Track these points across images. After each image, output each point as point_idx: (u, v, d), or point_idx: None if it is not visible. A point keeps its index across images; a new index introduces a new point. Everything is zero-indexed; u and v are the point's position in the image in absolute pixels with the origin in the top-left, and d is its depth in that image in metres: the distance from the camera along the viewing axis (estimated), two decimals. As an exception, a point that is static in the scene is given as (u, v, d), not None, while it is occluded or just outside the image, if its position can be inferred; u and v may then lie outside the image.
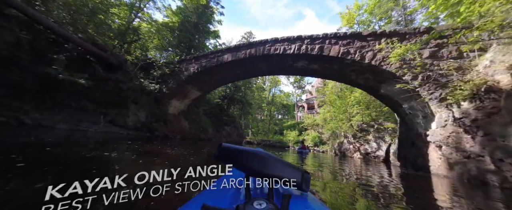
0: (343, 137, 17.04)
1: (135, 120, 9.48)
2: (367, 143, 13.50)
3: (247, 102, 19.34)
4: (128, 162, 3.74)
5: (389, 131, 12.64)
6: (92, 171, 2.66)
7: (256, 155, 0.63)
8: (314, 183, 3.55)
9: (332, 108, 20.21)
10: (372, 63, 5.80)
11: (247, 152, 0.63)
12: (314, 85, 44.88)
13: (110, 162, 3.33)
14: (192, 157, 4.50)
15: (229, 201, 0.62)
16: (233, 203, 0.59)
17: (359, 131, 14.34)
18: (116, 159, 3.66)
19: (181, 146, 8.12)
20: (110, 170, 2.93)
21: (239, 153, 0.62)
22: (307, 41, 6.98)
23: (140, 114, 9.64)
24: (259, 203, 0.48)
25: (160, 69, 10.11)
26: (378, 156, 12.61)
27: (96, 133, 7.53)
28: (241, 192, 0.66)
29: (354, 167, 7.18)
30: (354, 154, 15.31)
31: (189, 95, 11.14)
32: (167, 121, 10.87)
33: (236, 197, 0.64)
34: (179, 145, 8.17)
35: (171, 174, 0.60)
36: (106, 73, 8.86)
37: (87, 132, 7.44)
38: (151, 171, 0.59)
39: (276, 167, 0.62)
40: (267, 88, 41.68)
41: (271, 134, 33.16)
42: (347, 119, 15.07)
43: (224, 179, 0.73)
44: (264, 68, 9.34)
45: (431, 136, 5.22)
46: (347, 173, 5.60)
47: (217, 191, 0.67)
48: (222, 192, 0.67)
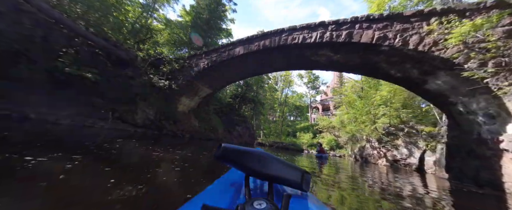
0: (365, 141, 15.42)
1: (144, 117, 9.09)
2: (396, 149, 11.88)
3: (259, 102, 18.43)
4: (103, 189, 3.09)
5: (423, 135, 10.95)
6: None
7: (256, 155, 0.60)
8: (332, 195, 2.83)
9: (351, 109, 18.60)
10: (419, 49, 4.62)
11: (247, 152, 0.59)
12: (330, 85, 42.80)
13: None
14: (192, 167, 3.68)
15: (229, 201, 0.61)
16: (233, 203, 0.59)
17: (386, 135, 12.73)
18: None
19: (190, 145, 7.49)
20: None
21: (239, 153, 0.58)
22: (331, 27, 5.94)
23: (149, 111, 9.25)
24: (259, 203, 0.46)
25: (169, 65, 9.67)
26: (409, 164, 10.98)
27: (102, 129, 7.16)
28: (241, 192, 0.67)
29: (382, 176, 5.95)
30: (378, 160, 13.70)
31: (199, 93, 10.58)
32: (176, 119, 10.43)
33: (236, 197, 0.64)
34: (187, 145, 7.54)
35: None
36: (116, 69, 8.61)
37: (93, 128, 7.09)
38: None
39: (276, 167, 0.60)
40: (279, 88, 40.51)
41: (283, 135, 31.91)
42: (371, 121, 13.51)
43: (224, 179, 0.83)
44: (279, 62, 8.42)
45: (506, 143, 3.91)
46: (373, 182, 4.55)
47: (217, 191, 0.71)
48: (222, 192, 0.70)
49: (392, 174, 7.22)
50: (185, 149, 5.75)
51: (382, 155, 13.08)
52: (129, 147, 4.90)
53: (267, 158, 0.60)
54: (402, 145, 11.63)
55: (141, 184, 2.09)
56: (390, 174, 6.95)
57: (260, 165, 0.58)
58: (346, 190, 3.36)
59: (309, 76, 42.31)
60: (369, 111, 13.38)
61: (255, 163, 0.58)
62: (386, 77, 6.94)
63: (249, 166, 0.58)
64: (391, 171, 8.73)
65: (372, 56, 5.98)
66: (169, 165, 3.42)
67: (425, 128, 11.24)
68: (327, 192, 3.00)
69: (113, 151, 3.95)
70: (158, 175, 2.71)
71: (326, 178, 4.25)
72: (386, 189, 3.82)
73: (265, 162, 0.59)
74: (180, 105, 10.51)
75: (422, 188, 4.40)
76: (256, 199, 0.48)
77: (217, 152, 0.55)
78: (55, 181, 1.86)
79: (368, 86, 16.76)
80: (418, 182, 5.33)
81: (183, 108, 10.83)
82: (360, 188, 3.75)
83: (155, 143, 6.25)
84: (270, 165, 0.59)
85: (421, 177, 7.11)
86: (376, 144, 14.01)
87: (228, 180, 0.81)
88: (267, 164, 0.59)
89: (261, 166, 0.58)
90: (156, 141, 7.09)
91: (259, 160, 0.59)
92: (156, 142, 6.59)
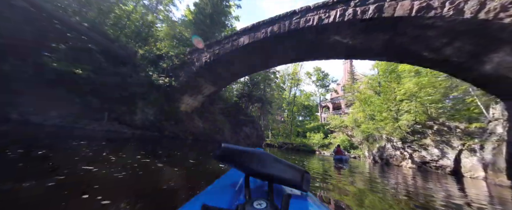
0: (385, 141, 13.97)
1: (143, 118, 8.45)
2: (425, 149, 10.44)
3: (266, 101, 17.34)
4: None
5: (458, 134, 9.47)
6: None
7: (256, 155, 0.59)
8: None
9: (367, 107, 17.15)
10: (479, 17, 3.48)
11: (247, 152, 0.58)
12: (340, 83, 41.04)
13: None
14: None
15: (229, 201, 0.62)
16: (233, 203, 0.59)
17: (411, 134, 11.30)
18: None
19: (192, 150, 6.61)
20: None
21: (239, 153, 0.57)
22: (355, 2, 4.88)
23: (149, 111, 8.61)
24: (259, 203, 0.47)
25: (169, 60, 8.94)
26: (442, 167, 9.53)
27: (94, 132, 6.51)
28: (241, 192, 0.67)
29: (413, 182, 4.81)
30: (402, 162, 12.25)
31: (202, 91, 9.79)
32: (178, 119, 9.70)
33: (236, 197, 0.65)
34: (190, 149, 6.69)
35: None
36: (113, 66, 8.02)
37: (84, 130, 6.46)
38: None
39: (276, 167, 0.60)
40: (287, 88, 39.27)
41: (293, 136, 30.63)
42: (392, 118, 12.11)
43: (224, 179, 0.84)
44: (289, 52, 7.40)
45: None
46: (407, 191, 3.56)
47: (217, 191, 0.73)
48: (222, 192, 0.70)
49: (423, 178, 6.02)
50: (174, 158, 4.20)
51: (407, 156, 11.65)
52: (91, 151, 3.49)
53: (267, 158, 0.60)
54: (431, 145, 10.19)
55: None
56: (420, 179, 5.80)
57: (260, 165, 0.58)
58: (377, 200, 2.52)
59: (318, 74, 40.95)
60: (389, 107, 11.99)
61: (255, 163, 0.57)
62: (419, 61, 5.73)
63: (249, 166, 0.57)
64: (420, 175, 7.41)
65: (399, 38, 4.86)
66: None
67: (459, 124, 9.77)
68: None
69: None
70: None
71: (349, 190, 3.17)
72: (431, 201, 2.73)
73: (265, 162, 0.58)
74: (182, 105, 9.78)
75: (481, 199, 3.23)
76: (256, 199, 0.49)
77: (217, 152, 0.53)
78: None
79: (385, 80, 15.31)
80: (472, 192, 4.15)
81: (186, 108, 10.10)
82: (391, 197, 2.88)
83: (146, 146, 5.40)
84: (270, 165, 0.59)
85: (462, 183, 5.78)
86: (399, 144, 12.57)
87: (228, 180, 0.82)
88: (267, 164, 0.58)
89: (261, 166, 0.58)
90: (154, 143, 6.32)
91: (259, 160, 0.58)
92: (148, 145, 5.77)
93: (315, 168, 5.83)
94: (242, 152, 0.56)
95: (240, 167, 0.58)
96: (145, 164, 3.04)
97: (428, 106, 10.43)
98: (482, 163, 7.46)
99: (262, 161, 0.58)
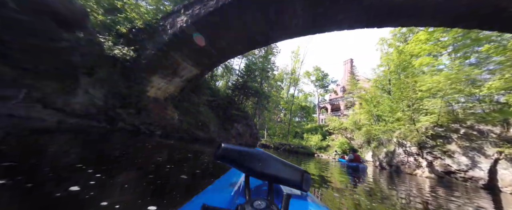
0: (396, 145, 12.35)
1: (86, 102, 6.05)
2: (449, 157, 8.79)
3: (263, 95, 15.15)
4: None
5: (492, 139, 7.86)
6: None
7: (256, 155, 0.59)
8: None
9: (373, 108, 15.54)
10: None
11: (247, 152, 0.59)
12: (340, 84, 39.91)
13: None
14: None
15: (229, 201, 0.63)
16: (233, 203, 0.60)
17: (431, 138, 9.67)
18: None
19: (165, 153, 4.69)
20: None
21: (239, 153, 0.57)
22: None
23: (96, 93, 6.22)
24: (259, 203, 0.47)
25: (128, 22, 6.56)
26: (472, 178, 7.90)
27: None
28: (241, 192, 0.68)
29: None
30: (416, 170, 10.65)
31: (180, 72, 7.69)
32: (142, 108, 7.29)
33: (236, 197, 0.65)
34: (161, 152, 4.78)
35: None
36: (47, 28, 5.77)
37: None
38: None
39: (276, 167, 0.61)
40: (285, 87, 38.03)
41: (290, 137, 28.96)
42: (409, 118, 10.45)
43: (224, 179, 0.85)
44: (299, 14, 5.25)
45: None
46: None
47: (217, 191, 0.74)
48: (222, 192, 0.71)
49: (448, 193, 4.61)
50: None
51: (425, 163, 10.02)
52: None
53: (267, 158, 0.59)
54: (458, 152, 8.55)
55: None
56: (446, 194, 4.58)
57: (260, 165, 0.58)
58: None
59: (317, 74, 40.07)
60: (408, 105, 10.30)
61: (255, 163, 0.58)
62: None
63: (249, 166, 0.57)
64: (443, 187, 5.94)
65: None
66: None
67: (493, 127, 8.17)
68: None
69: None
70: None
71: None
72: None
73: (265, 162, 0.59)
74: (151, 88, 7.52)
75: None
76: (256, 199, 0.48)
77: (217, 152, 0.54)
78: None
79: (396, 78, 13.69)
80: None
81: (157, 93, 7.86)
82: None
83: (75, 145, 3.49)
84: (270, 165, 0.59)
85: (498, 199, 4.62)
86: (413, 149, 10.95)
87: (228, 180, 0.83)
88: (267, 164, 0.58)
89: (261, 166, 0.58)
90: (95, 140, 4.37)
91: (259, 160, 0.58)
92: (87, 142, 3.84)
93: (327, 177, 4.60)
94: (242, 152, 0.56)
95: (240, 167, 0.58)
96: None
97: (455, 105, 8.77)
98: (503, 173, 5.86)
99: (262, 161, 0.57)
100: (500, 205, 3.94)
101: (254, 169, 0.56)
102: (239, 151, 0.55)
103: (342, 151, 25.09)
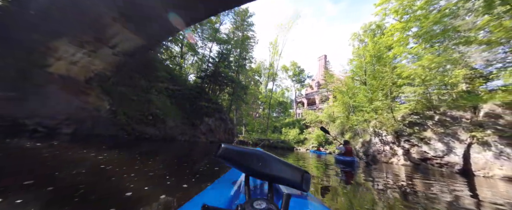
0: (372, 135, 12.38)
1: None
2: (426, 143, 8.80)
3: (239, 84, 13.15)
4: None
5: (464, 124, 8.01)
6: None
7: (256, 155, 0.60)
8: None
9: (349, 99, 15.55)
10: None
11: (247, 152, 0.59)
12: (315, 79, 40.95)
13: None
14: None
15: (229, 201, 0.63)
16: (233, 203, 0.61)
17: (408, 125, 9.66)
18: None
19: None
20: None
21: (239, 153, 0.57)
22: None
23: None
24: (259, 203, 0.47)
25: None
26: (448, 164, 7.94)
27: None
28: (241, 192, 0.68)
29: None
30: (392, 158, 10.71)
31: (110, 39, 5.39)
32: (34, 90, 4.85)
33: (236, 197, 0.65)
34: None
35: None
36: None
37: None
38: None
39: (276, 167, 0.60)
40: (264, 81, 37.51)
41: (269, 132, 28.33)
42: (388, 107, 10.31)
43: (224, 179, 0.85)
44: None
45: None
46: None
47: (217, 191, 0.72)
48: (222, 192, 0.71)
49: (435, 181, 4.52)
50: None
51: (400, 152, 10.05)
52: None
53: (267, 158, 0.59)
54: (434, 138, 8.60)
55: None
56: (425, 179, 4.64)
57: (260, 165, 0.57)
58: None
59: (294, 69, 40.57)
60: (385, 94, 10.10)
61: (255, 163, 0.57)
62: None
63: (249, 166, 0.57)
64: (420, 174, 5.82)
65: None
66: None
67: (464, 113, 8.37)
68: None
69: None
70: None
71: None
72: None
73: (265, 162, 0.58)
74: (56, 61, 4.99)
75: None
76: (256, 199, 0.48)
77: (217, 152, 0.53)
78: None
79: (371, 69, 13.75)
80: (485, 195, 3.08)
81: (70, 70, 5.28)
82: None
83: None
84: (270, 165, 0.59)
85: (472, 183, 4.69)
86: (389, 138, 10.99)
87: (228, 180, 0.82)
88: (267, 164, 0.58)
89: (261, 166, 0.57)
90: None
91: (259, 160, 0.58)
92: None
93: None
94: (242, 152, 0.56)
95: (240, 167, 0.57)
96: None
97: (430, 93, 8.74)
98: (499, 159, 5.94)
99: (262, 161, 0.57)
100: (474, 188, 4.03)
101: (254, 169, 0.56)
102: (239, 151, 0.55)
103: (318, 143, 25.60)
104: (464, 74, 8.84)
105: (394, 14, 10.38)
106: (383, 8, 10.89)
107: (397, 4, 10.22)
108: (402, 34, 10.41)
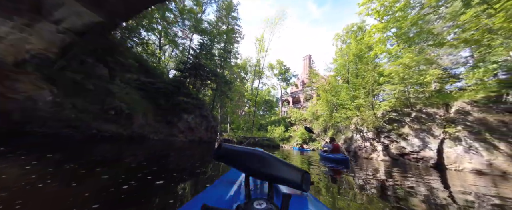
0: (354, 131, 12.68)
1: None
2: (404, 139, 9.12)
3: (223, 78, 12.31)
4: None
5: (438, 121, 8.44)
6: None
7: (256, 155, 0.59)
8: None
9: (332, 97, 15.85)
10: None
11: (247, 152, 0.59)
12: (300, 78, 41.59)
13: None
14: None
15: (229, 201, 0.62)
16: (233, 203, 0.60)
17: (388, 122, 9.96)
18: None
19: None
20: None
21: (239, 153, 0.58)
22: None
23: None
24: (259, 203, 0.48)
25: None
26: (424, 158, 8.30)
27: None
28: (241, 192, 0.67)
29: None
30: (372, 154, 11.01)
31: (51, 10, 4.33)
32: None
33: (236, 197, 0.64)
34: None
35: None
36: None
37: None
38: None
39: (276, 167, 0.59)
40: (250, 79, 37.03)
41: (255, 129, 27.98)
42: (369, 105, 10.53)
43: (224, 179, 0.85)
44: None
45: None
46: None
47: (217, 191, 0.73)
48: (222, 192, 0.71)
49: (414, 175, 4.71)
50: None
51: (380, 148, 10.36)
52: None
53: (267, 158, 0.59)
54: (411, 134, 8.95)
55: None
56: (405, 173, 4.88)
57: (260, 165, 0.57)
58: None
59: (280, 68, 40.64)
60: (367, 92, 10.30)
61: (255, 163, 0.57)
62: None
63: (249, 166, 0.57)
64: (400, 169, 5.99)
65: None
66: None
67: (437, 110, 8.84)
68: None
69: None
70: None
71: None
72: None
73: (265, 162, 0.58)
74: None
75: None
76: (256, 199, 0.48)
77: (217, 152, 0.53)
78: None
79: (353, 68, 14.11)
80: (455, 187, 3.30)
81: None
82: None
83: None
84: (270, 165, 0.58)
85: (440, 174, 4.96)
86: (369, 135, 11.30)
87: (228, 180, 0.82)
88: (267, 164, 0.58)
89: (261, 166, 0.57)
90: None
91: (259, 160, 0.58)
92: None
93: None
94: (242, 152, 0.57)
95: (240, 167, 0.58)
96: None
97: (408, 91, 9.05)
98: (469, 153, 6.31)
99: (262, 161, 0.57)
100: (446, 180, 4.29)
101: (254, 169, 0.56)
102: (239, 151, 0.56)
103: (302, 140, 25.97)
104: (438, 74, 9.33)
105: (375, 15, 10.66)
106: (366, 7, 11.08)
107: (378, 4, 10.50)
108: (383, 35, 10.76)
